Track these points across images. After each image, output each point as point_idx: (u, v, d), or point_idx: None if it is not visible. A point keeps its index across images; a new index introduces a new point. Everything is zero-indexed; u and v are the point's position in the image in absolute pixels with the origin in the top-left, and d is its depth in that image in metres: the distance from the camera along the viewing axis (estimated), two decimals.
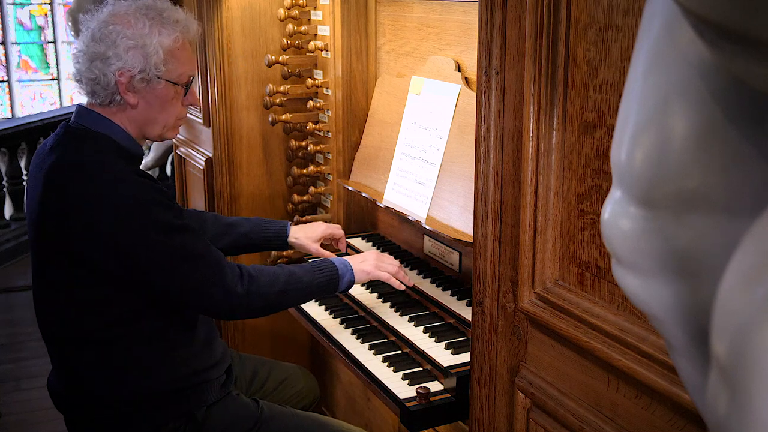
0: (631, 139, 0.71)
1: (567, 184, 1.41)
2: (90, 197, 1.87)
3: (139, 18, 2.01)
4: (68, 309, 1.99)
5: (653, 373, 1.24)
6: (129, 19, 2.00)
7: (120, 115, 2.03)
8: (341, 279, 2.18)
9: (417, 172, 2.46)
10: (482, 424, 1.68)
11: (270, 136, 3.11)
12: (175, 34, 2.05)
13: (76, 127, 2.02)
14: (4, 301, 5.56)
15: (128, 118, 2.04)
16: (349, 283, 2.20)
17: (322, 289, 2.17)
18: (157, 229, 1.89)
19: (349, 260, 2.23)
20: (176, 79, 2.07)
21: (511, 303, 1.57)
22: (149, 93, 2.03)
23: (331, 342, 2.34)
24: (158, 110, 2.07)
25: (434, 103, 2.42)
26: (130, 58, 1.98)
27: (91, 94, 2.02)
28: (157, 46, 2.00)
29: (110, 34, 1.98)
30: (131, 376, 2.01)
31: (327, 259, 2.24)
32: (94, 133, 2.01)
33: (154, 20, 2.02)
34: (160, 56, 2.00)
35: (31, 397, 4.08)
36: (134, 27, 1.99)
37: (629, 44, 1.24)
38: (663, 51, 0.69)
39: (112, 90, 1.99)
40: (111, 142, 2.00)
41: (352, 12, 2.75)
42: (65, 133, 2.03)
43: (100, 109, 2.03)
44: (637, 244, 0.73)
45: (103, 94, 2.00)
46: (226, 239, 2.48)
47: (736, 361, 0.53)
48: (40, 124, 6.96)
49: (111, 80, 1.98)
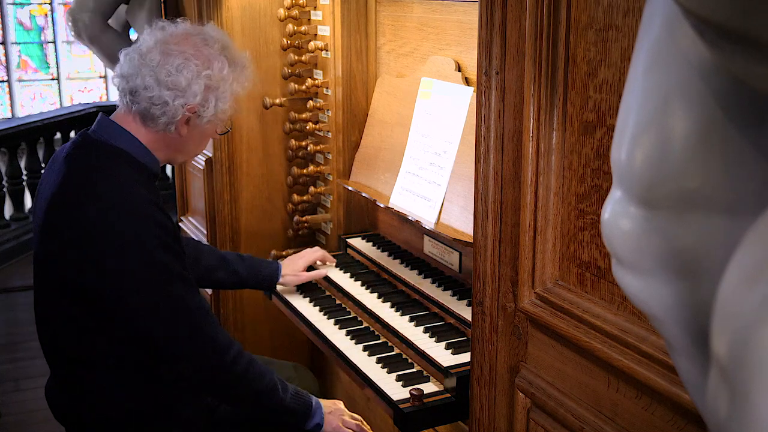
0: (631, 139, 0.71)
1: (567, 184, 1.41)
2: (92, 229, 1.83)
3: (219, 59, 1.99)
4: (67, 329, 1.96)
5: (653, 373, 1.24)
6: (210, 58, 1.98)
7: (158, 137, 2.00)
8: (312, 417, 2.12)
9: (426, 176, 2.44)
10: (482, 424, 1.69)
11: (270, 136, 3.11)
12: (247, 83, 2.08)
13: (95, 138, 1.98)
14: (4, 301, 5.56)
15: (166, 142, 2.02)
16: (317, 426, 2.13)
17: (288, 414, 2.09)
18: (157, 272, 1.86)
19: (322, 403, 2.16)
20: (227, 120, 2.11)
21: (511, 303, 1.57)
22: (200, 129, 2.03)
23: (325, 343, 2.34)
24: (197, 143, 2.09)
25: (444, 106, 2.40)
26: (205, 98, 1.96)
27: (144, 116, 1.97)
28: (230, 93, 2.02)
29: (192, 67, 1.94)
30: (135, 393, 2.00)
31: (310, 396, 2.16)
32: (112, 147, 1.96)
33: (232, 65, 2.02)
34: (228, 102, 2.02)
35: (30, 398, 4.08)
36: (215, 68, 1.97)
37: (629, 44, 1.24)
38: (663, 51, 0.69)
39: (172, 121, 1.96)
40: (128, 157, 1.96)
41: (352, 12, 2.75)
42: (82, 142, 1.98)
43: (132, 122, 1.98)
44: (638, 244, 0.73)
45: (161, 120, 1.96)
46: (219, 274, 2.49)
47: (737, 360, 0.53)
48: (40, 124, 6.96)
49: (177, 113, 1.95)
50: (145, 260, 1.85)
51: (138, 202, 1.87)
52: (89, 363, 1.96)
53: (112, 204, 1.85)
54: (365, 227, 2.94)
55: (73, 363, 1.98)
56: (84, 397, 2.00)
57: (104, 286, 1.86)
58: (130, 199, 1.87)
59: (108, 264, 1.84)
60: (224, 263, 2.50)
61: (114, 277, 1.85)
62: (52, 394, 2.10)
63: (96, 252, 1.84)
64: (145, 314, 1.88)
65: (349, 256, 2.81)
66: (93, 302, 1.89)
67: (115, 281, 1.85)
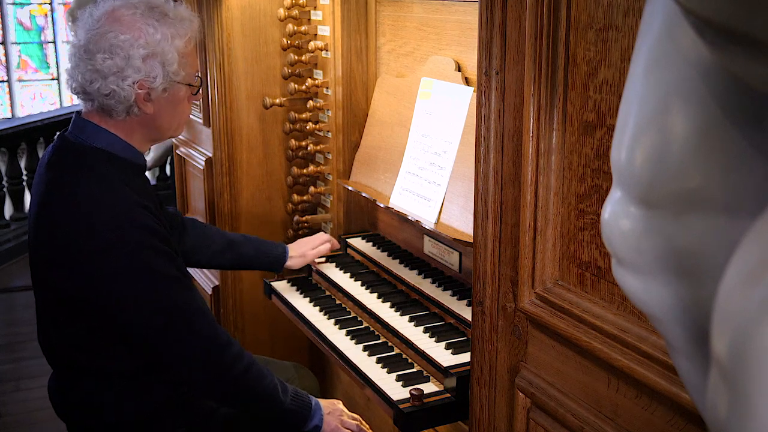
0: (631, 140, 0.71)
1: (567, 184, 1.41)
2: (76, 239, 1.81)
3: (148, 22, 1.88)
4: (65, 334, 1.95)
5: (653, 373, 1.24)
6: (137, 25, 1.87)
7: (127, 123, 1.93)
8: (311, 418, 2.10)
9: (426, 176, 2.44)
10: (482, 424, 1.68)
11: (270, 136, 3.11)
12: (188, 35, 1.95)
13: (73, 141, 1.92)
14: (4, 301, 5.56)
15: (139, 123, 1.94)
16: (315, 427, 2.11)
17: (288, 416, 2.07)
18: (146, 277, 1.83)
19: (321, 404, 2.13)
20: (191, 80, 2.00)
21: (511, 303, 1.57)
22: (165, 99, 1.94)
23: (325, 343, 2.34)
24: (171, 113, 1.98)
25: (444, 106, 2.40)
26: (148, 68, 1.86)
27: (103, 109, 1.90)
28: (173, 52, 1.89)
29: (121, 44, 1.84)
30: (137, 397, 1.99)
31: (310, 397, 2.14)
32: (91, 149, 1.90)
33: (163, 23, 1.89)
34: (176, 61, 1.90)
35: (30, 398, 4.08)
36: (145, 33, 1.86)
37: (629, 44, 1.24)
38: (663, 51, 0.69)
39: (129, 104, 1.88)
40: (108, 156, 1.90)
41: (352, 12, 2.75)
42: (61, 145, 1.94)
43: (99, 118, 1.92)
44: (637, 244, 0.73)
45: (118, 108, 1.88)
46: (227, 257, 2.49)
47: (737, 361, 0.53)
48: (40, 124, 6.96)
49: (129, 94, 1.86)
50: (131, 266, 1.81)
51: (120, 208, 1.82)
52: (87, 366, 1.96)
53: (93, 212, 1.81)
54: (365, 227, 2.94)
55: (72, 366, 1.98)
56: (84, 399, 2.00)
57: (95, 294, 1.84)
58: (112, 204, 1.82)
59: (95, 272, 1.81)
60: (232, 246, 2.49)
61: (102, 286, 1.83)
62: (55, 392, 2.11)
63: (83, 262, 1.81)
64: (138, 320, 1.86)
65: (349, 256, 2.81)
66: (87, 309, 1.88)
67: (103, 289, 1.83)
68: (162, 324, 1.87)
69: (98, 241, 1.80)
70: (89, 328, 1.91)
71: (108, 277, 1.82)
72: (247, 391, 2.00)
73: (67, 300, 1.89)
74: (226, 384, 1.98)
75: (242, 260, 2.52)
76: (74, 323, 1.91)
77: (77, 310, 1.89)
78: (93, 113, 1.93)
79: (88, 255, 1.81)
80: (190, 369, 1.95)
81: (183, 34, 1.93)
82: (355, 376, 2.16)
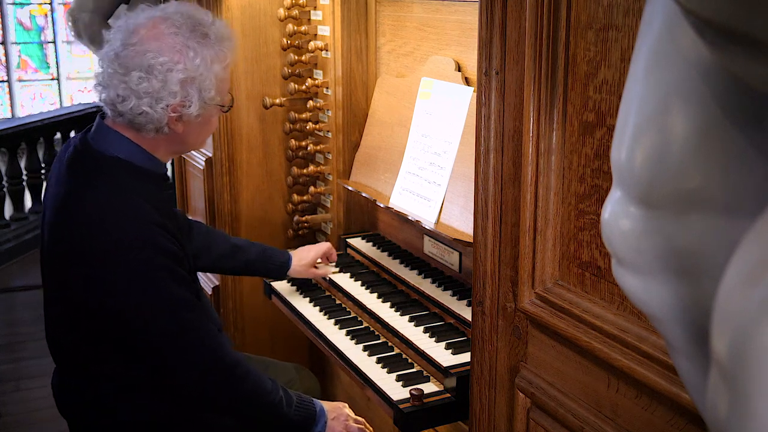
0: (631, 139, 0.71)
1: (567, 184, 1.41)
2: (92, 254, 1.79)
3: (189, 44, 1.82)
4: (73, 337, 1.95)
5: (653, 373, 1.24)
6: (177, 47, 1.81)
7: (155, 139, 1.89)
8: (315, 426, 2.09)
9: (426, 176, 2.44)
10: (482, 424, 1.68)
11: (270, 136, 3.11)
12: (227, 59, 1.90)
13: (95, 148, 1.88)
14: (4, 301, 5.56)
15: (167, 140, 1.91)
16: None
17: (292, 428, 2.05)
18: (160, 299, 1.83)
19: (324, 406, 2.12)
20: (225, 102, 1.97)
21: (511, 303, 1.57)
22: (197, 120, 1.90)
23: (325, 343, 2.34)
24: (200, 131, 1.96)
25: (444, 106, 2.40)
26: (185, 93, 1.82)
27: (132, 125, 1.86)
28: (211, 78, 1.85)
29: (160, 66, 1.79)
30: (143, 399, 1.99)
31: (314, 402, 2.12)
32: (113, 159, 1.86)
33: (204, 45, 1.84)
34: (214, 87, 1.87)
35: (30, 398, 4.08)
36: (185, 57, 1.81)
37: (629, 44, 1.24)
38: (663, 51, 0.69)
39: (160, 125, 1.84)
40: (129, 167, 1.87)
41: (352, 12, 2.75)
42: (83, 153, 1.89)
43: (125, 129, 1.87)
44: (637, 244, 0.73)
45: (148, 127, 1.84)
46: (231, 262, 2.49)
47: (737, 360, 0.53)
48: (40, 124, 6.95)
49: (162, 117, 1.82)
50: (145, 290, 1.81)
51: (138, 228, 1.79)
52: (94, 368, 1.96)
53: (111, 230, 1.78)
54: (365, 227, 2.94)
55: (78, 366, 1.99)
56: (86, 401, 2.00)
57: (108, 308, 1.83)
58: (130, 222, 1.79)
59: (109, 288, 1.81)
60: (236, 251, 2.49)
61: (116, 302, 1.82)
62: (58, 390, 2.11)
63: (97, 277, 1.81)
64: (151, 338, 1.86)
65: (349, 256, 2.81)
66: (98, 318, 1.87)
67: (117, 305, 1.82)
68: (174, 344, 1.88)
69: (114, 258, 1.79)
70: (98, 335, 1.91)
71: (121, 293, 1.81)
72: (253, 407, 2.01)
73: (78, 305, 1.88)
74: (232, 400, 1.99)
75: (247, 266, 2.52)
76: (83, 328, 1.91)
77: (88, 317, 1.89)
78: (119, 125, 1.89)
79: (102, 270, 1.80)
80: (197, 384, 1.95)
81: (222, 58, 1.89)
82: (355, 376, 2.16)
